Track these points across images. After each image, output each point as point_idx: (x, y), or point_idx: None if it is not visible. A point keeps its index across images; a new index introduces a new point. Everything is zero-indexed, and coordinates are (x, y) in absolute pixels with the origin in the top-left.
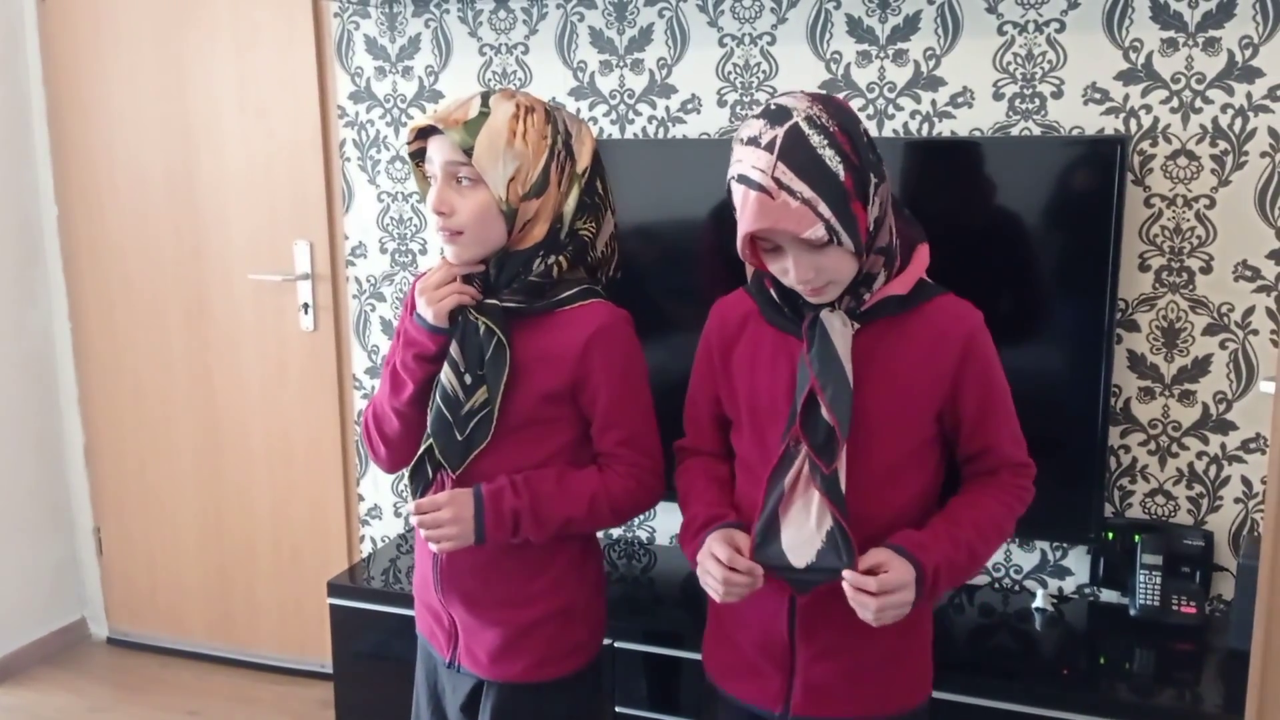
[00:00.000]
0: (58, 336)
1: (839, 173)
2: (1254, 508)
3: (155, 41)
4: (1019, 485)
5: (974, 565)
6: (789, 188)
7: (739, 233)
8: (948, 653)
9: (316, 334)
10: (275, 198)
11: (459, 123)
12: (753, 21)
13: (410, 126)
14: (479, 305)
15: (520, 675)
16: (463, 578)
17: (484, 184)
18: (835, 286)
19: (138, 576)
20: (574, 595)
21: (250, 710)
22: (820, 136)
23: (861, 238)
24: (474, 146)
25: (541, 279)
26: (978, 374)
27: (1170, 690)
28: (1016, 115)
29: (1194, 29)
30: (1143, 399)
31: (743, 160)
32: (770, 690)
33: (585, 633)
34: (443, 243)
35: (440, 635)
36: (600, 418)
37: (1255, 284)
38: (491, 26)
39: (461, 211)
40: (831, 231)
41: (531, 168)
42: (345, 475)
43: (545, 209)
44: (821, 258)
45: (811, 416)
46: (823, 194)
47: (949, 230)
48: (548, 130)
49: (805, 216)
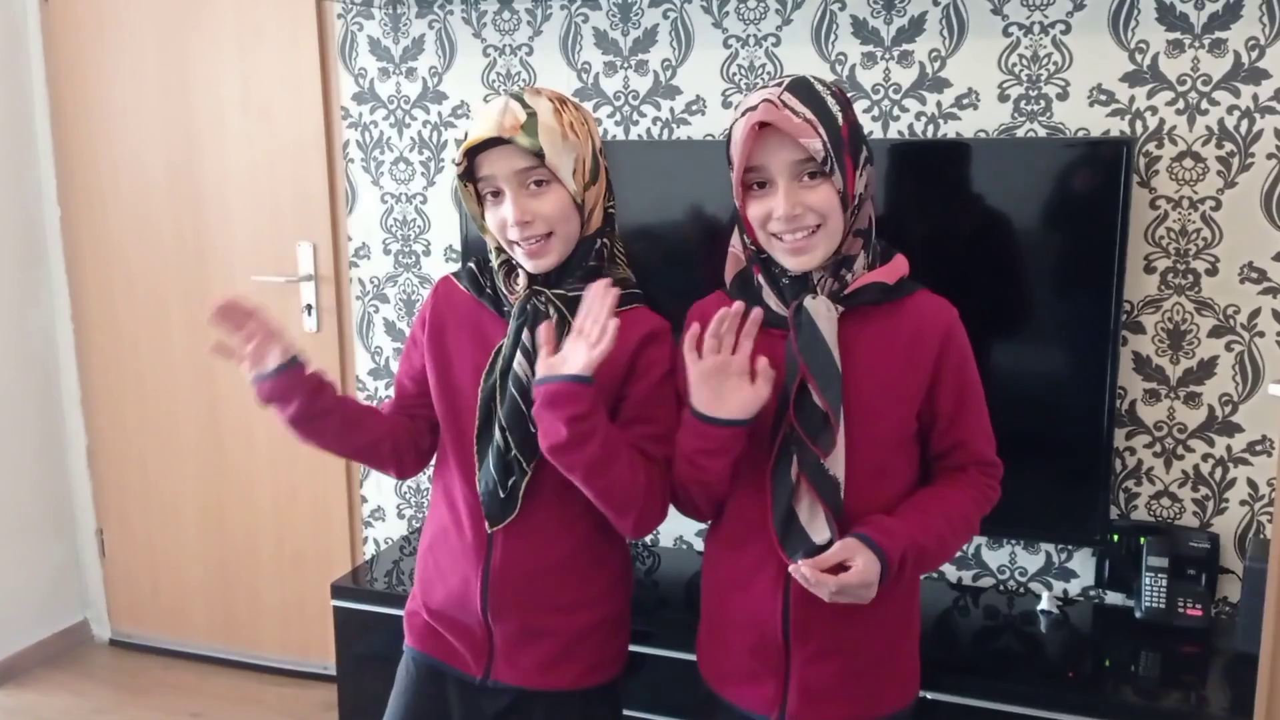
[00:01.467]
0: (60, 337)
1: (838, 118)
2: (1260, 510)
3: (158, 42)
4: (987, 484)
5: (943, 554)
6: (791, 107)
7: (734, 170)
8: (952, 654)
9: (320, 335)
10: (278, 199)
11: (517, 128)
12: (757, 23)
13: (464, 146)
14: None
15: (572, 682)
16: (518, 587)
17: (557, 182)
18: (818, 242)
19: (140, 578)
20: (621, 602)
21: (252, 712)
22: (824, 89)
23: (850, 192)
24: (543, 148)
25: (597, 261)
26: (954, 368)
27: (1176, 693)
28: (1022, 117)
29: (1200, 31)
30: (1148, 401)
31: (747, 101)
32: (765, 694)
33: (625, 640)
34: (523, 257)
35: (467, 652)
36: (631, 409)
37: (1261, 286)
38: (496, 27)
39: (543, 214)
40: (827, 152)
41: (586, 155)
42: (348, 477)
43: (600, 192)
44: (810, 193)
45: (804, 405)
46: (823, 123)
47: (953, 233)
48: (582, 116)
49: (805, 129)
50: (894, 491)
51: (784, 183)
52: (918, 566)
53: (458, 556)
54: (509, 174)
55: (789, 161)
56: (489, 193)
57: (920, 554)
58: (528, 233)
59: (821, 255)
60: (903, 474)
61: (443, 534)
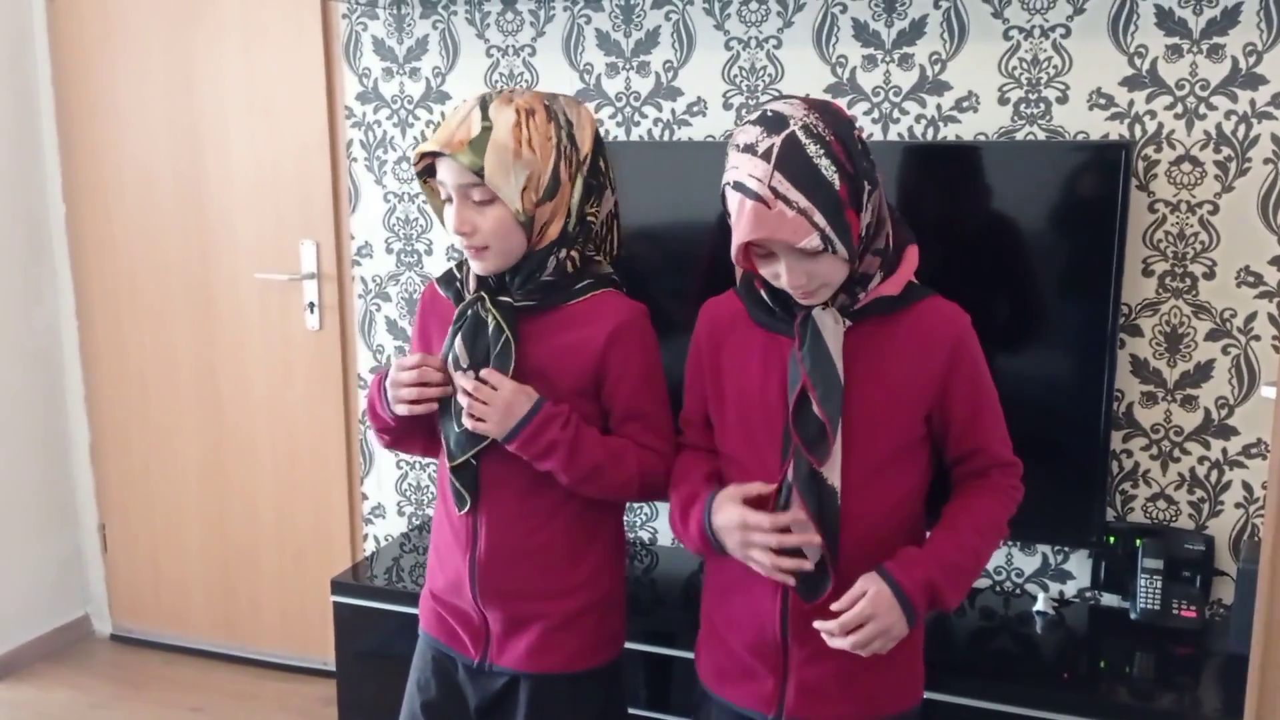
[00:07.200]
0: (64, 334)
1: (834, 182)
2: (1255, 513)
3: (163, 41)
4: (1010, 485)
5: (979, 565)
6: (785, 197)
7: (734, 240)
8: (948, 655)
9: (322, 333)
10: (282, 197)
11: (464, 144)
12: (759, 25)
13: (418, 151)
14: (492, 300)
15: (560, 666)
16: (504, 573)
17: (499, 200)
18: (827, 289)
19: (142, 573)
20: (612, 586)
21: (253, 707)
22: (816, 146)
23: (855, 244)
24: (484, 167)
25: (555, 278)
26: (967, 375)
27: (1170, 694)
28: (1021, 120)
29: (1198, 36)
30: (1145, 404)
31: (739, 167)
32: (763, 692)
33: (619, 623)
34: (470, 258)
35: (467, 637)
36: (621, 408)
37: (1258, 290)
38: (499, 28)
39: (483, 229)
40: (826, 240)
41: (542, 173)
42: (349, 474)
43: (560, 208)
44: (814, 264)
45: (803, 413)
46: (818, 204)
47: (953, 234)
48: (551, 130)
49: (800, 226)
50: (897, 495)
51: (787, 260)
52: (954, 585)
53: (451, 544)
54: (454, 185)
55: (788, 246)
56: (445, 195)
57: (953, 572)
58: (467, 242)
59: (832, 291)
60: (906, 478)
61: (440, 522)
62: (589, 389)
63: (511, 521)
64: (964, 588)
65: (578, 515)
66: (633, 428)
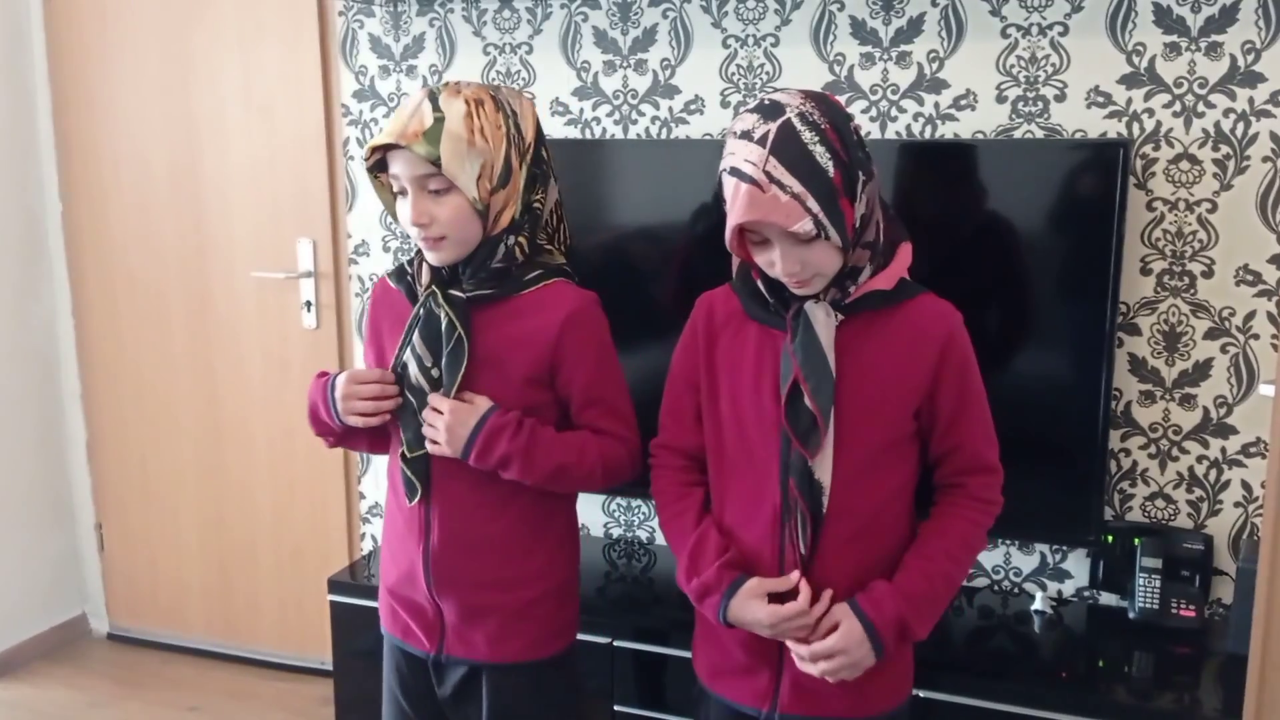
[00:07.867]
0: (61, 332)
1: (828, 169)
2: (1254, 512)
3: (160, 38)
4: (987, 499)
5: (951, 589)
6: (779, 181)
7: (728, 224)
8: (946, 654)
9: (319, 331)
10: (279, 195)
11: (418, 135)
12: (756, 23)
13: (370, 145)
14: (444, 295)
15: (520, 655)
16: (458, 562)
17: (456, 189)
18: (820, 279)
19: (139, 572)
20: (565, 573)
21: (250, 706)
22: (811, 133)
23: (848, 233)
24: (440, 156)
25: (505, 263)
26: (955, 372)
27: (1169, 694)
28: (1019, 118)
29: (1196, 33)
30: (1143, 403)
31: (735, 153)
32: (758, 688)
33: (574, 610)
34: (425, 249)
35: (421, 630)
36: (579, 396)
37: (1256, 288)
38: (496, 26)
39: (440, 219)
40: (819, 226)
41: (495, 161)
42: (346, 472)
43: (512, 196)
44: (808, 251)
45: (795, 405)
46: (812, 189)
47: (951, 233)
48: (500, 119)
49: (794, 210)
50: (887, 490)
51: (781, 246)
52: (924, 618)
53: (404, 535)
54: (410, 177)
55: (782, 231)
56: (398, 189)
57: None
58: (424, 233)
59: (825, 282)
60: (894, 474)
61: (391, 515)
62: (543, 377)
63: (465, 511)
64: (934, 617)
65: (530, 505)
66: (593, 414)
